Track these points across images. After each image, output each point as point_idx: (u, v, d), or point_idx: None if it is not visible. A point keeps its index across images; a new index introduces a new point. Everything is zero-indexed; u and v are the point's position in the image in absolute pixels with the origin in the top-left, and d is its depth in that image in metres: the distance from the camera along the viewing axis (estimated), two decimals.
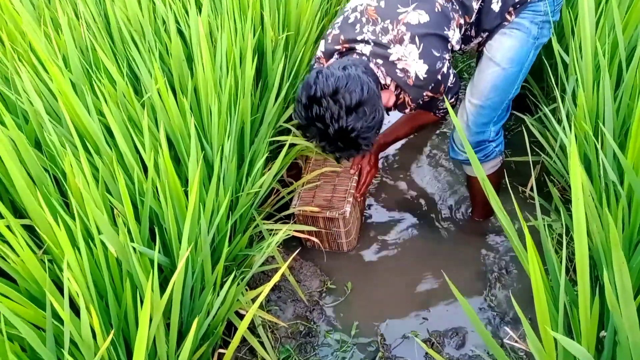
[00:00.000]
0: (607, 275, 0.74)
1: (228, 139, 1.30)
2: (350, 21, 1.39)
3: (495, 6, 1.40)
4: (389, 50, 1.33)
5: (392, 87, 1.40)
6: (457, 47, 1.42)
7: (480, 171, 1.06)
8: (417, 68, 1.33)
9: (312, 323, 1.56)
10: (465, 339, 1.48)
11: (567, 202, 1.66)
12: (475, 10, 1.40)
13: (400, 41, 1.32)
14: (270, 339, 1.47)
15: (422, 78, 1.34)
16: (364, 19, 1.36)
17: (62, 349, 0.87)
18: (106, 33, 1.50)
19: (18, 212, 1.24)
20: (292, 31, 1.82)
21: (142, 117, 1.15)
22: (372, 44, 1.34)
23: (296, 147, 1.68)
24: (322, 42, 1.46)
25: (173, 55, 1.43)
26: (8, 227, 0.96)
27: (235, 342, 1.10)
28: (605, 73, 1.24)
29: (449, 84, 1.44)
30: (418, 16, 1.32)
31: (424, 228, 1.82)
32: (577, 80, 1.38)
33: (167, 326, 1.07)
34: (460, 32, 1.41)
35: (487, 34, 1.46)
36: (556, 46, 1.51)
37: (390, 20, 1.33)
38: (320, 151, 1.37)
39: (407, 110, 1.46)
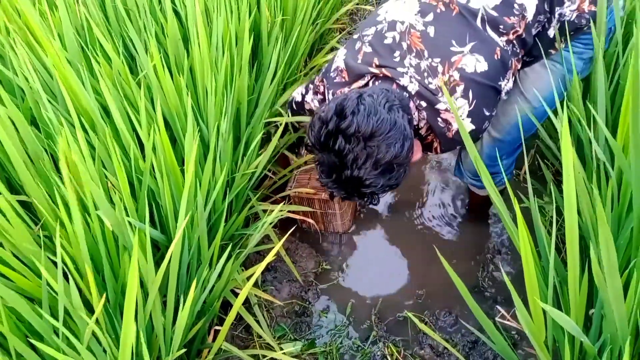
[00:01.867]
0: (593, 250, 0.76)
1: (224, 118, 1.31)
2: (386, 41, 1.16)
3: (552, 31, 1.21)
4: (438, 97, 1.13)
5: (424, 130, 1.23)
6: (504, 97, 1.24)
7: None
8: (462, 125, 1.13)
9: (307, 303, 1.58)
10: (458, 318, 1.50)
11: (560, 184, 1.68)
12: (532, 42, 1.20)
13: (452, 92, 1.12)
14: (266, 317, 1.49)
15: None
16: (404, 45, 1.14)
17: (57, 320, 0.88)
18: (101, 12, 1.49)
19: (14, 190, 1.24)
20: (288, 13, 1.82)
21: (137, 95, 1.16)
22: (418, 84, 1.13)
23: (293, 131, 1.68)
24: (345, 53, 1.23)
25: (169, 34, 1.43)
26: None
27: (230, 317, 1.12)
28: (599, 54, 1.25)
29: None
30: (475, 62, 1.11)
31: (419, 211, 1.84)
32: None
33: (165, 304, 1.08)
34: (513, 79, 1.22)
35: (531, 59, 1.26)
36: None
37: (441, 60, 1.12)
38: (318, 177, 1.15)
39: (430, 154, 1.30)
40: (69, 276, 0.91)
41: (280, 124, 1.58)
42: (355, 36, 1.25)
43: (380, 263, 1.69)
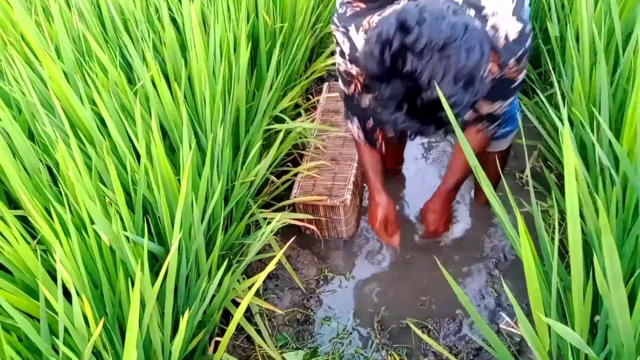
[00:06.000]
0: (597, 259, 0.74)
1: (222, 126, 1.30)
2: None
3: None
4: (482, 2, 1.03)
5: None
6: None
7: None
8: (509, 27, 1.03)
9: (309, 311, 1.57)
10: (462, 325, 1.48)
11: (564, 187, 1.66)
12: None
13: None
14: (268, 327, 1.48)
15: (511, 40, 1.05)
16: None
17: (57, 338, 0.87)
18: (98, 22, 1.49)
19: (13, 203, 1.24)
20: (287, 19, 1.81)
21: (134, 106, 1.15)
22: None
23: (290, 134, 1.67)
24: None
25: (166, 43, 1.42)
26: (2, 218, 0.96)
27: (230, 329, 1.11)
28: (601, 57, 1.23)
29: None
30: None
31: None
32: (573, 65, 1.37)
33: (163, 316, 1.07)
34: None
35: None
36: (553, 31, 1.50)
37: None
38: (379, 117, 0.97)
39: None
40: (70, 293, 0.90)
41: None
42: None
43: (383, 270, 1.67)
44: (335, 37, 1.18)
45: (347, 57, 1.18)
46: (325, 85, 2.08)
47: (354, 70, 1.21)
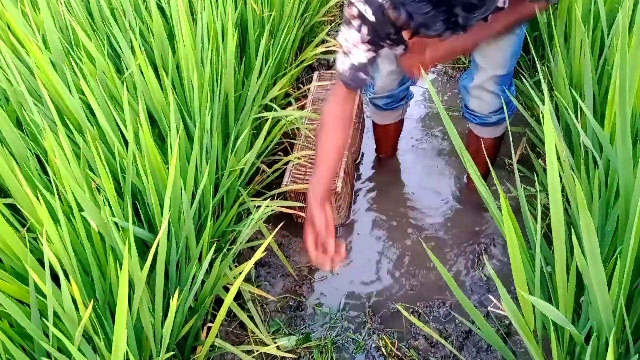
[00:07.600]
0: (575, 236, 0.76)
1: (209, 113, 1.30)
2: None
3: None
4: None
5: None
6: None
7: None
8: None
9: (301, 297, 1.58)
10: (452, 308, 1.50)
11: None
12: None
13: None
14: (260, 313, 1.49)
15: None
16: None
17: (47, 322, 0.88)
18: (85, 11, 1.48)
19: (2, 192, 1.24)
20: (275, 7, 1.81)
21: (122, 94, 1.15)
22: None
23: (280, 123, 1.68)
24: None
25: (154, 32, 1.42)
26: None
27: (221, 313, 1.12)
28: (585, 43, 1.24)
29: None
30: None
31: (414, 202, 1.84)
32: (557, 50, 1.38)
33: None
34: None
35: None
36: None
37: None
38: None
39: None
40: (60, 277, 0.91)
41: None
42: None
43: (375, 256, 1.69)
44: (356, 9, 1.15)
45: (366, 33, 1.16)
46: (316, 74, 2.09)
47: (367, 54, 1.19)
